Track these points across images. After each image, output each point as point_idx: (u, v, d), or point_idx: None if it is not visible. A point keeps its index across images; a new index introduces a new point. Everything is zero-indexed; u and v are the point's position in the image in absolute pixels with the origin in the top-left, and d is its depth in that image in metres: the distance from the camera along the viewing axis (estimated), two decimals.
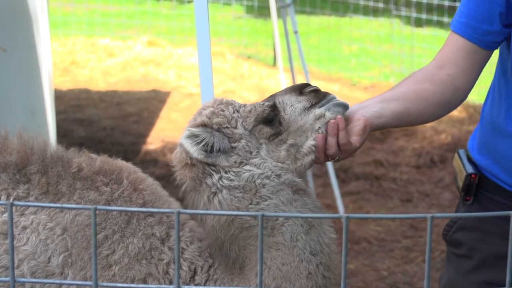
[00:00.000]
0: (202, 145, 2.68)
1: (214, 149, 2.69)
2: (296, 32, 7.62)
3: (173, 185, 2.83)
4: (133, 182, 2.83)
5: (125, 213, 2.76)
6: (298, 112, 2.76)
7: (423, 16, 11.64)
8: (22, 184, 2.78)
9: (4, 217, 2.76)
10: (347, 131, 2.78)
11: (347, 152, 2.76)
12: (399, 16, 12.24)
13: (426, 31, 11.93)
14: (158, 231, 2.75)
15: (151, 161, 8.00)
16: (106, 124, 9.22)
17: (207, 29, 3.61)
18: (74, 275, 2.69)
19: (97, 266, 2.62)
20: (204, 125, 2.73)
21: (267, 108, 2.77)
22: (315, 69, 11.34)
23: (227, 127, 2.74)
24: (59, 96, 9.11)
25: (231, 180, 2.68)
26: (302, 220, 2.67)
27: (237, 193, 2.68)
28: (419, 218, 3.36)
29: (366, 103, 2.92)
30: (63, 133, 8.46)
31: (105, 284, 1.60)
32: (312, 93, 2.79)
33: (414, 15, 11.71)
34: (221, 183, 2.68)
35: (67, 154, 2.86)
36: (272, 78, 11.01)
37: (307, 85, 2.83)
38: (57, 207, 2.70)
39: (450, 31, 3.13)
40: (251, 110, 2.77)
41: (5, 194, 2.77)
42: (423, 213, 3.59)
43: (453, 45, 3.08)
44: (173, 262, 2.74)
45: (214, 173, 2.69)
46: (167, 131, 8.91)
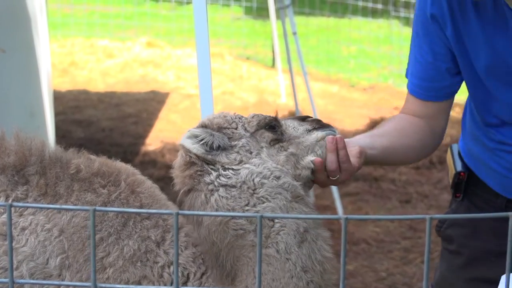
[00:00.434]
0: (201, 143, 2.69)
1: (214, 147, 2.70)
2: (295, 33, 7.62)
3: (172, 186, 2.83)
4: (131, 184, 2.82)
5: (121, 215, 2.74)
6: (300, 132, 2.79)
7: None
8: (21, 185, 2.78)
9: (3, 218, 2.75)
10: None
11: (347, 172, 2.77)
12: (397, 17, 12.25)
13: None
14: (154, 234, 2.74)
15: (150, 162, 8.00)
16: (105, 125, 9.23)
17: (206, 30, 3.61)
18: (71, 277, 2.68)
19: (95, 268, 2.62)
20: (205, 126, 2.75)
21: (269, 116, 2.79)
22: (313, 70, 11.34)
23: (227, 128, 2.75)
24: (58, 97, 9.11)
25: (229, 177, 2.68)
26: (295, 231, 2.64)
27: (234, 192, 2.67)
28: (418, 219, 3.36)
29: (355, 138, 2.97)
30: (62, 134, 8.46)
31: (104, 286, 1.60)
32: (314, 121, 2.83)
33: (412, 16, 11.71)
34: (218, 181, 2.68)
35: (65, 155, 2.85)
36: (271, 79, 11.02)
37: (309, 116, 2.89)
38: (56, 208, 2.70)
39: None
40: (253, 116, 2.80)
41: (3, 195, 2.76)
42: (421, 214, 3.60)
43: (413, 104, 3.10)
44: (168, 266, 2.73)
45: (213, 171, 2.69)
46: (166, 132, 8.92)
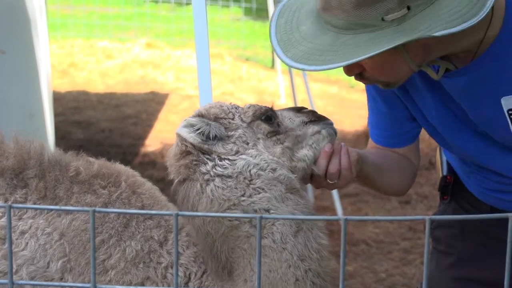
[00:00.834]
0: (198, 132, 2.67)
1: (211, 137, 2.68)
2: None
3: (172, 186, 2.82)
4: (132, 185, 2.81)
5: (123, 216, 2.73)
6: (296, 124, 2.77)
7: None
8: (20, 189, 2.76)
9: (1, 221, 2.74)
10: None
11: (345, 179, 2.77)
12: None
13: None
14: (157, 234, 2.73)
15: (149, 163, 8.00)
16: (104, 126, 9.23)
17: (205, 31, 3.61)
18: (73, 281, 2.67)
19: (95, 269, 2.62)
20: (201, 116, 2.73)
21: (265, 107, 2.78)
22: None
23: (224, 118, 2.73)
24: (57, 98, 9.11)
25: (225, 168, 2.66)
26: (290, 221, 2.65)
27: (230, 182, 2.65)
28: (418, 220, 3.37)
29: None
30: (61, 135, 8.46)
31: (103, 287, 1.60)
32: (310, 112, 2.82)
33: None
34: (214, 171, 2.66)
35: (64, 158, 2.83)
36: (271, 80, 11.02)
37: (304, 107, 2.88)
38: (55, 209, 2.70)
39: None
40: (249, 106, 2.79)
41: (2, 199, 2.75)
42: (421, 215, 3.60)
43: (379, 149, 3.11)
44: (171, 266, 2.72)
45: (209, 161, 2.67)
46: (166, 133, 8.92)
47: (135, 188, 2.81)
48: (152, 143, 8.63)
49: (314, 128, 2.78)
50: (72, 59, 12.02)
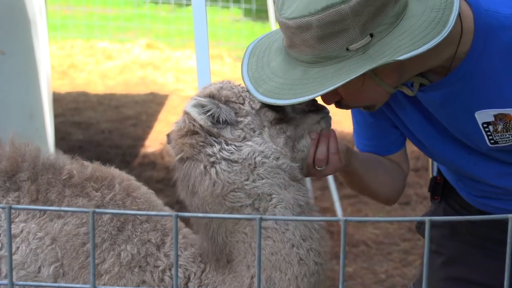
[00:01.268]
0: (208, 114, 2.67)
1: (221, 120, 2.68)
2: None
3: (172, 188, 2.81)
4: (126, 188, 2.78)
5: (116, 219, 2.70)
6: (297, 112, 2.78)
7: None
8: (12, 191, 2.73)
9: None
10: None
11: (333, 166, 2.79)
12: None
13: None
14: (154, 237, 2.72)
15: (149, 164, 8.00)
16: (104, 127, 9.23)
17: (205, 32, 3.61)
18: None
19: (95, 270, 2.61)
20: (212, 96, 2.73)
21: None
22: None
23: (234, 102, 2.73)
24: (57, 99, 9.11)
25: (231, 152, 2.67)
26: (292, 204, 2.67)
27: (236, 166, 2.66)
28: (417, 221, 3.38)
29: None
30: (61, 136, 8.45)
31: (104, 287, 1.60)
32: (310, 100, 2.83)
33: None
34: (221, 154, 2.67)
35: (59, 161, 2.80)
36: None
37: None
38: (55, 210, 2.69)
39: None
40: None
41: None
42: (421, 216, 3.60)
43: (368, 154, 3.13)
44: (169, 269, 2.71)
45: (216, 144, 2.68)
46: (165, 134, 8.91)
47: (130, 191, 2.79)
48: (152, 144, 8.63)
49: (313, 118, 2.80)
50: (72, 60, 12.02)
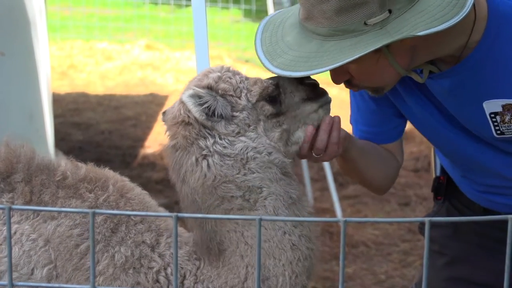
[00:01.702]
0: (204, 107, 2.67)
1: (216, 114, 2.68)
2: None
3: (171, 189, 2.81)
4: (120, 189, 2.78)
5: (110, 220, 2.70)
6: (295, 101, 2.77)
7: None
8: (7, 193, 2.73)
9: None
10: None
11: (330, 154, 2.79)
12: None
13: None
14: (148, 238, 2.72)
15: (149, 164, 8.00)
16: (104, 128, 9.23)
17: (205, 33, 3.61)
18: None
19: (95, 270, 2.61)
20: (210, 88, 2.71)
21: (271, 86, 2.76)
22: None
23: (232, 95, 2.72)
24: (57, 99, 9.12)
25: (224, 147, 2.67)
26: (282, 196, 2.68)
27: (228, 160, 2.67)
28: (417, 222, 3.38)
29: None
30: (60, 136, 8.45)
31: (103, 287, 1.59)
32: (311, 86, 2.81)
33: None
34: (214, 147, 2.67)
35: (54, 163, 2.79)
36: None
37: (307, 77, 2.84)
38: (55, 211, 2.69)
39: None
40: (256, 82, 2.77)
41: None
42: (420, 217, 3.60)
43: (365, 142, 3.13)
44: (164, 269, 2.71)
45: (209, 137, 2.68)
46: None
47: (124, 192, 2.78)
48: (151, 145, 8.63)
49: (312, 106, 2.79)
50: (71, 60, 12.02)
